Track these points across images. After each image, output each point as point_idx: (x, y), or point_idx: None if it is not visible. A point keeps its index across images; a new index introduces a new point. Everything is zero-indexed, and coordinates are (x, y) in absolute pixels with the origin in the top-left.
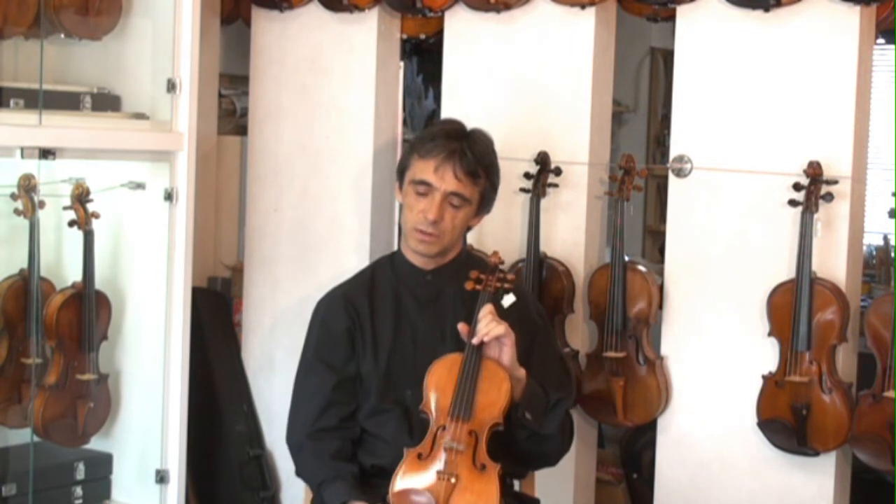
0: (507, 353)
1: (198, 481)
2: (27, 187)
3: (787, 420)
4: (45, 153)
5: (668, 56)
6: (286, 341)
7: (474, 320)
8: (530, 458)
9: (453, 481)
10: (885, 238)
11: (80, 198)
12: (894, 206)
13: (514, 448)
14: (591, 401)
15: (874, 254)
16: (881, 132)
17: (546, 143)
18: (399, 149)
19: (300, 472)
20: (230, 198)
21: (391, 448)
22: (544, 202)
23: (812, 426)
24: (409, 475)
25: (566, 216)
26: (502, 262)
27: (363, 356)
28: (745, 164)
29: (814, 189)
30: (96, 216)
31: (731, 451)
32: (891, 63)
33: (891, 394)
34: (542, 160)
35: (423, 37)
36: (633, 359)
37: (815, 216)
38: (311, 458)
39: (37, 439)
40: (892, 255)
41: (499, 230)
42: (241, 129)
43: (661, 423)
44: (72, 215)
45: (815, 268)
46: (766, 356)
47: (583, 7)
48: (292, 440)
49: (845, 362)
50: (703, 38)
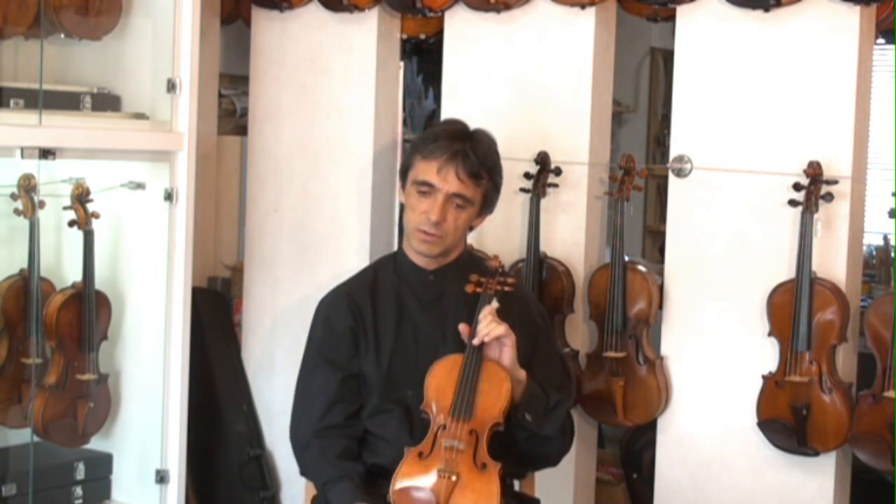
0: (507, 353)
1: (198, 481)
2: (27, 187)
3: (787, 420)
4: (45, 153)
5: (668, 56)
6: (286, 341)
7: (475, 321)
8: (531, 459)
9: (454, 479)
10: (885, 238)
11: (80, 198)
12: (894, 206)
13: (515, 449)
14: (591, 401)
15: (874, 254)
16: (881, 132)
17: (546, 143)
18: (399, 149)
19: (305, 470)
20: (230, 198)
21: (392, 448)
22: (544, 202)
23: (812, 426)
24: (410, 474)
25: (566, 216)
26: (502, 267)
27: (365, 355)
28: (745, 164)
29: (814, 189)
30: (96, 216)
31: (731, 451)
32: (891, 63)
33: (891, 394)
34: (542, 160)
35: (423, 37)
36: (633, 359)
37: (815, 216)
38: (316, 457)
39: (37, 439)
40: (892, 255)
41: (499, 230)
42: (241, 129)
43: (661, 423)
44: (72, 215)
45: (815, 268)
46: (766, 356)
47: (583, 7)
48: (297, 438)
49: (845, 362)
50: (703, 38)
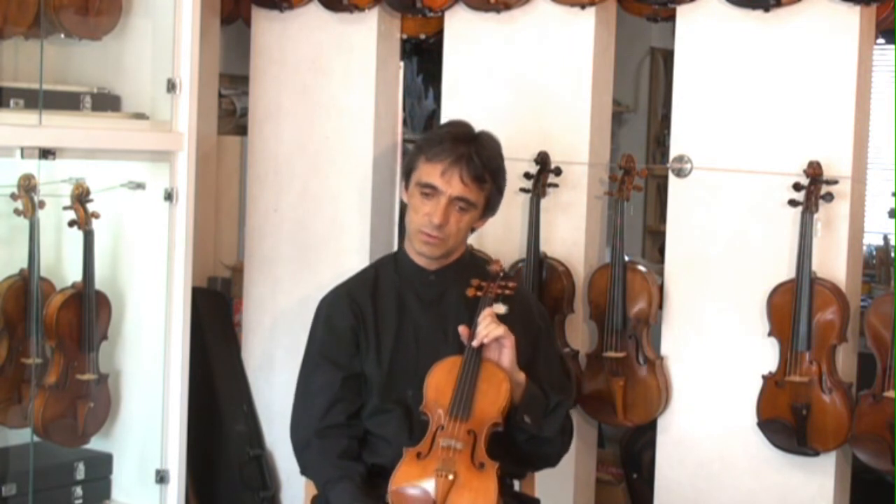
0: (506, 355)
1: (198, 481)
2: (27, 187)
3: (787, 420)
4: (45, 153)
5: (668, 56)
6: (286, 341)
7: (474, 323)
8: (530, 460)
9: (451, 478)
10: (885, 238)
11: (80, 198)
12: (894, 206)
13: (514, 450)
14: (591, 401)
15: (874, 254)
16: (881, 132)
17: (546, 143)
18: (399, 149)
19: (305, 470)
20: (230, 198)
21: (392, 448)
22: (544, 202)
23: (812, 426)
24: (408, 474)
25: (566, 216)
26: (503, 271)
27: (366, 355)
28: (745, 164)
29: (814, 189)
30: (96, 216)
31: (731, 451)
32: (891, 63)
33: (891, 394)
34: (542, 160)
35: (423, 37)
36: (633, 359)
37: (815, 216)
38: (317, 457)
39: (37, 439)
40: (892, 255)
41: (499, 230)
42: (241, 129)
43: (661, 423)
44: (72, 215)
45: (815, 268)
46: (766, 356)
47: (583, 7)
48: (298, 438)
49: (845, 362)
50: (703, 38)
